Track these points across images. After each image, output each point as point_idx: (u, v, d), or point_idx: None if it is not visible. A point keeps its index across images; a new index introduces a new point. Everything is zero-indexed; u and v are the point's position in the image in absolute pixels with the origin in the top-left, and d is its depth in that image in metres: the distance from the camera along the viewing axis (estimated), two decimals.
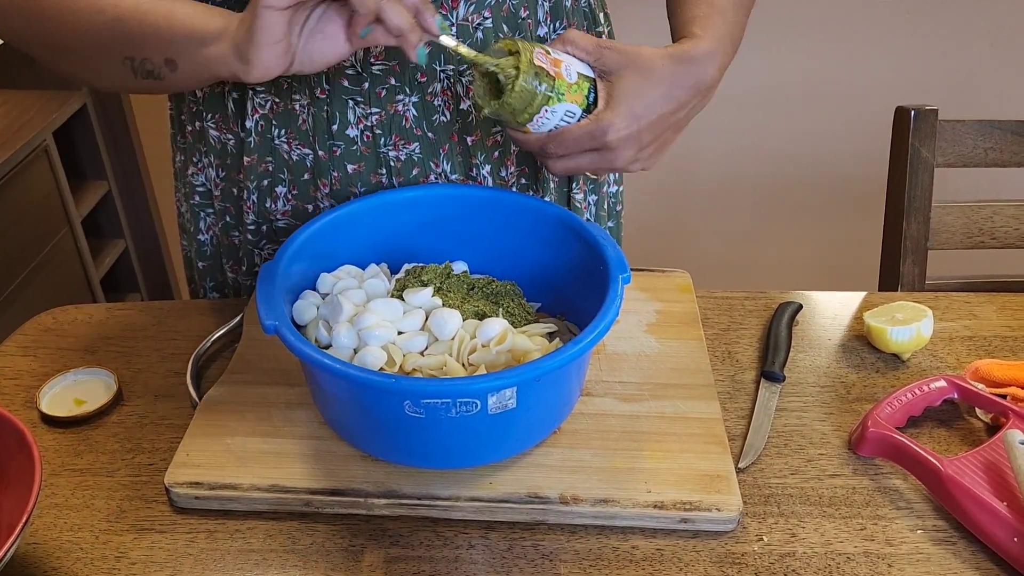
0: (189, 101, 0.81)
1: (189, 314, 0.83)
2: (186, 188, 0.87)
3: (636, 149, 0.66)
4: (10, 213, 1.50)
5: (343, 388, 0.60)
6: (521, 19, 0.76)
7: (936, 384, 0.71)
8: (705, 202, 1.91)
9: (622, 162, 0.66)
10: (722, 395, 0.73)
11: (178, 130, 0.85)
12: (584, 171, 0.68)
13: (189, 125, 0.83)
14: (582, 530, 0.62)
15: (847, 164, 1.84)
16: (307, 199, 0.81)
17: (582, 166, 0.67)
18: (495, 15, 0.74)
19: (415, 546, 0.61)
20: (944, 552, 0.60)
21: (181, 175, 0.88)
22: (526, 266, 0.75)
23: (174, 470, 0.63)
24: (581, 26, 0.81)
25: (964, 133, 1.05)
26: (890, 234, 1.08)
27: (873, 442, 0.67)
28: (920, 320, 0.76)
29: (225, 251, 0.88)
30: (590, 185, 0.89)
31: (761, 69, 1.74)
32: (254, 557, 0.60)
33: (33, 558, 0.60)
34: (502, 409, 0.57)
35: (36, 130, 1.56)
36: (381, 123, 0.76)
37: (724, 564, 0.59)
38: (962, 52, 1.72)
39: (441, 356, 0.64)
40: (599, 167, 0.67)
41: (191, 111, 0.81)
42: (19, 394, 0.74)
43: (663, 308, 0.80)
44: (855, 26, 1.70)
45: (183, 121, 0.83)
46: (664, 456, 0.65)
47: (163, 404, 0.72)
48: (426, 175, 0.79)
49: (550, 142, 0.66)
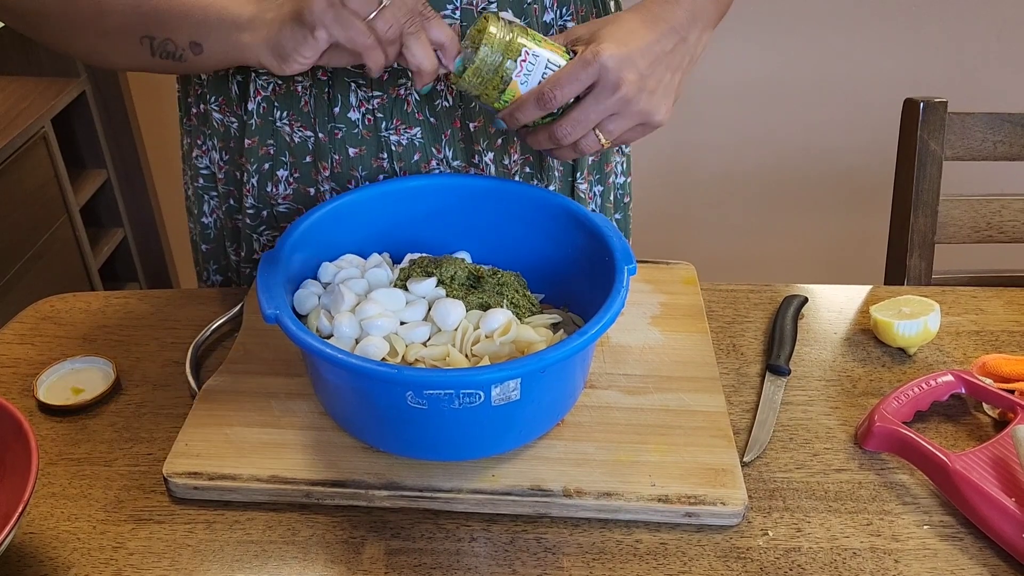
0: (195, 83, 0.81)
1: (188, 303, 0.82)
2: (191, 171, 0.87)
3: (638, 75, 0.63)
4: (8, 201, 1.49)
5: (344, 378, 0.59)
6: (527, 4, 0.75)
7: (943, 379, 0.70)
8: (710, 195, 1.90)
9: (632, 91, 0.63)
10: (727, 388, 0.73)
11: (184, 112, 0.85)
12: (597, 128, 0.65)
13: (194, 107, 0.83)
14: (585, 523, 0.61)
15: (852, 157, 1.83)
16: (308, 182, 0.80)
17: (591, 117, 0.64)
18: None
19: (416, 538, 0.60)
20: (951, 548, 0.60)
21: (187, 158, 0.88)
22: (530, 256, 0.74)
23: (173, 460, 0.63)
24: (590, 13, 0.80)
25: (973, 126, 1.04)
26: (897, 227, 1.07)
27: (880, 437, 0.66)
28: (927, 314, 0.76)
29: (228, 234, 0.88)
30: (596, 175, 0.88)
31: (766, 62, 1.73)
32: (253, 548, 0.59)
33: (30, 548, 0.59)
34: (505, 401, 0.57)
35: (34, 117, 1.55)
36: (383, 106, 0.75)
37: (729, 559, 0.59)
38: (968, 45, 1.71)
39: (444, 347, 0.63)
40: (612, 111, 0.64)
41: (196, 94, 0.81)
42: (16, 382, 0.73)
43: (668, 300, 0.80)
44: (862, 18, 1.69)
45: (189, 103, 0.83)
46: (668, 449, 0.64)
47: (162, 393, 0.72)
48: (428, 161, 0.78)
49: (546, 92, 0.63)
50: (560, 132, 0.65)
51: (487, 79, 0.64)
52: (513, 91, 0.64)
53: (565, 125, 0.65)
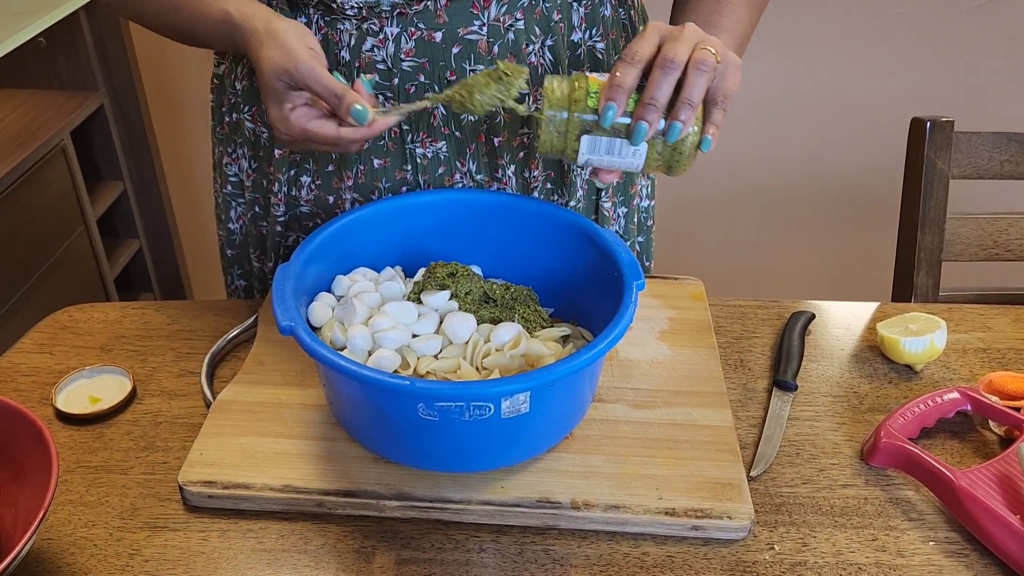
0: (229, 93, 0.83)
1: (204, 314, 0.83)
2: (221, 178, 0.90)
3: (694, 31, 0.62)
4: (27, 212, 1.51)
5: (357, 390, 0.60)
6: (554, 22, 0.76)
7: (949, 396, 0.71)
8: (718, 211, 1.91)
9: (696, 36, 0.61)
10: (734, 403, 0.73)
11: (217, 122, 0.87)
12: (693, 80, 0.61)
13: (227, 116, 0.85)
14: (593, 536, 0.62)
15: (860, 175, 1.83)
16: (330, 190, 0.82)
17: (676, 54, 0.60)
18: (527, 17, 0.74)
19: (426, 549, 0.61)
20: (956, 564, 0.60)
21: (218, 165, 0.90)
22: (539, 271, 0.75)
23: (188, 469, 0.64)
24: (620, 37, 0.81)
25: (980, 145, 1.04)
26: (904, 245, 1.08)
27: (886, 453, 0.66)
28: (933, 331, 0.76)
29: (253, 241, 0.90)
30: (620, 197, 0.88)
31: (774, 79, 1.74)
32: (266, 557, 0.60)
33: (48, 553, 0.60)
34: (515, 413, 0.58)
35: (54, 130, 1.57)
36: (409, 120, 0.77)
37: (735, 572, 0.59)
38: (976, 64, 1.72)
39: (455, 359, 0.64)
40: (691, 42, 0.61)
41: (230, 103, 0.84)
42: (35, 391, 0.74)
43: (676, 315, 0.80)
44: (869, 37, 1.70)
45: (222, 113, 0.86)
46: (676, 463, 0.65)
47: (177, 403, 0.73)
48: (452, 174, 0.80)
49: (625, 52, 0.61)
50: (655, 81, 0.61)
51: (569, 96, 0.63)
52: (595, 84, 0.63)
53: (656, 72, 0.61)
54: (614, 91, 0.62)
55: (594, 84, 0.63)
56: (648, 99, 0.61)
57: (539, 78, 0.76)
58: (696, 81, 0.61)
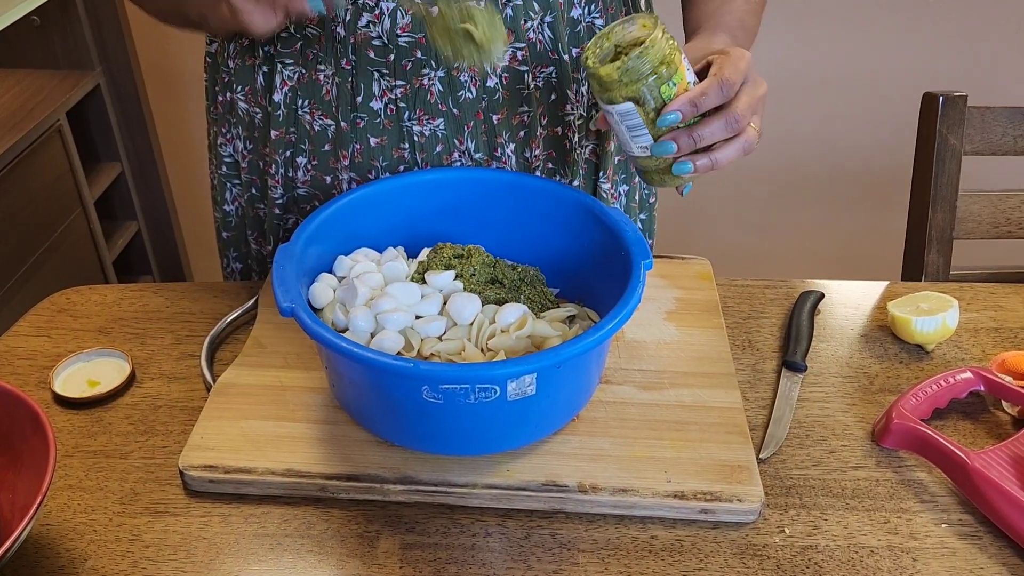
0: (222, 72, 0.82)
1: (203, 296, 0.82)
2: (216, 159, 0.88)
3: (764, 93, 0.65)
4: (24, 194, 1.50)
5: (360, 372, 0.59)
6: None
7: (962, 376, 0.70)
8: (725, 190, 1.89)
9: (760, 104, 0.65)
10: (743, 384, 0.72)
11: (211, 101, 0.86)
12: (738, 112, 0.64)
13: (220, 96, 0.83)
14: (600, 519, 0.61)
15: (870, 152, 1.81)
16: (326, 170, 0.80)
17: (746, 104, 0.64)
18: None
19: (431, 533, 0.60)
20: (970, 547, 0.59)
21: (213, 146, 0.89)
22: (545, 250, 0.74)
23: (188, 453, 0.63)
24: (620, 11, 0.80)
25: (993, 120, 1.02)
26: (915, 223, 1.06)
27: (898, 434, 0.65)
28: (945, 311, 0.75)
29: (250, 223, 0.89)
30: (621, 175, 0.87)
31: (782, 56, 1.72)
32: (268, 542, 0.59)
33: (47, 539, 0.59)
34: (521, 396, 0.56)
35: (50, 110, 1.55)
36: (406, 96, 0.75)
37: (745, 556, 0.58)
38: (988, 38, 1.69)
39: (459, 341, 0.63)
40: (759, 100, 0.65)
41: (223, 82, 0.82)
42: (33, 374, 0.73)
43: (683, 296, 0.79)
44: (879, 13, 1.68)
45: (216, 92, 0.84)
46: (684, 445, 0.64)
47: (177, 386, 0.72)
48: (450, 152, 0.78)
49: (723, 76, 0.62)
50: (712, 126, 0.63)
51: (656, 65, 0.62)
52: (681, 76, 0.63)
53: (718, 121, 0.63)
54: (690, 108, 0.63)
55: (679, 76, 0.63)
56: (696, 135, 0.63)
57: (537, 55, 0.75)
58: (732, 153, 0.65)
